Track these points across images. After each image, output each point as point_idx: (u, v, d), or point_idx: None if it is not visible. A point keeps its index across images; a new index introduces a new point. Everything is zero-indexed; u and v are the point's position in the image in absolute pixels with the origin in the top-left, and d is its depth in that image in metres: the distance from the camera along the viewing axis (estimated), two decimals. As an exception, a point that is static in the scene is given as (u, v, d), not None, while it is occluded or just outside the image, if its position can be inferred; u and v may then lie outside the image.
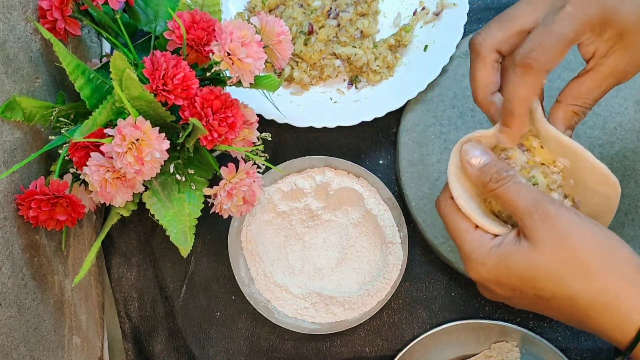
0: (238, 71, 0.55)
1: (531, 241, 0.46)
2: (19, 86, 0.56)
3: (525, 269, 0.46)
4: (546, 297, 0.46)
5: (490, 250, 0.48)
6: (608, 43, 0.47)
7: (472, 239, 0.49)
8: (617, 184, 0.49)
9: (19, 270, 0.55)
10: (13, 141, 0.55)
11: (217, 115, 0.54)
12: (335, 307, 0.66)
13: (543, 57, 0.45)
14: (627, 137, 0.67)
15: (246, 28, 0.54)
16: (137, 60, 0.59)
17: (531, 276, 0.46)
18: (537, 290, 0.46)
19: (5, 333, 0.52)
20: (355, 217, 0.69)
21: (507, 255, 0.47)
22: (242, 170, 0.57)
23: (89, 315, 0.69)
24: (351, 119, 0.69)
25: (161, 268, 0.71)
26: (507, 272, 0.47)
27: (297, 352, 0.69)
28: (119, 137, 0.50)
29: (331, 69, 0.71)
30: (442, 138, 0.69)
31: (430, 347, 0.67)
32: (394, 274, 0.66)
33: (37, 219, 0.54)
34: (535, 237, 0.46)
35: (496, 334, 0.66)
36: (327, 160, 0.69)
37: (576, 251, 0.45)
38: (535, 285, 0.46)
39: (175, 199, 0.57)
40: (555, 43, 0.45)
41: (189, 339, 0.70)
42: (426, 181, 0.68)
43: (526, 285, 0.46)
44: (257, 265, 0.68)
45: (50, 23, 0.58)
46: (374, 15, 0.73)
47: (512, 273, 0.47)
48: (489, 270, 0.47)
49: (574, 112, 0.50)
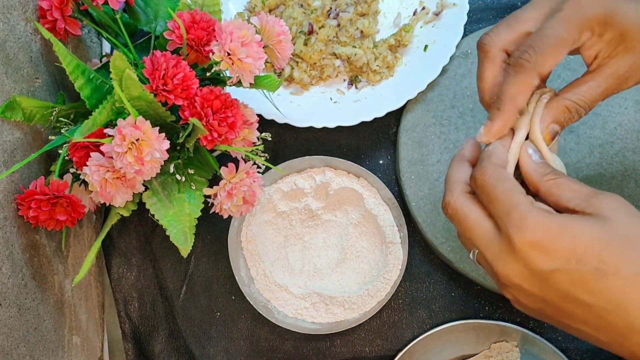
0: (238, 71, 0.55)
1: (603, 214, 0.43)
2: (19, 86, 0.56)
3: (596, 234, 0.42)
4: (607, 273, 0.41)
5: (551, 213, 0.43)
6: (610, 45, 0.47)
7: (529, 200, 0.44)
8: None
9: (19, 270, 0.55)
10: (13, 141, 0.55)
11: (217, 115, 0.54)
12: (335, 307, 0.66)
13: (534, 58, 0.46)
14: (627, 137, 0.67)
15: (246, 28, 0.54)
16: (137, 60, 0.59)
17: (602, 242, 0.41)
18: (600, 262, 0.41)
19: (5, 333, 0.52)
20: (355, 217, 0.69)
21: (575, 220, 0.42)
22: (242, 170, 0.57)
23: (89, 315, 0.69)
24: (351, 119, 0.69)
25: (161, 268, 0.71)
26: (571, 236, 0.42)
27: (297, 352, 0.69)
28: (119, 137, 0.50)
29: (331, 69, 0.71)
30: (442, 138, 0.69)
31: (430, 347, 0.67)
32: (394, 274, 0.66)
33: (37, 219, 0.54)
34: (605, 210, 0.42)
35: (496, 334, 0.66)
36: (327, 160, 0.69)
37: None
38: (602, 255, 0.41)
39: (175, 199, 0.57)
40: (547, 45, 0.46)
41: (189, 339, 0.70)
42: (426, 181, 0.68)
43: (590, 253, 0.41)
44: (257, 265, 0.68)
45: (50, 23, 0.58)
46: (374, 15, 0.73)
47: (577, 237, 0.42)
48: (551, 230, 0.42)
49: (566, 107, 0.49)
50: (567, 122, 0.49)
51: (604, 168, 0.67)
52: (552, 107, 0.49)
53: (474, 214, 0.46)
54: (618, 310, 0.42)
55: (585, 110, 0.49)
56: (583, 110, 0.49)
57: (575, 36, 0.46)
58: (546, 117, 0.49)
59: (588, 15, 0.46)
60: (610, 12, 0.46)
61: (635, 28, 0.46)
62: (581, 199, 0.44)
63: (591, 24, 0.46)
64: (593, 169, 0.67)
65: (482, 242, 0.45)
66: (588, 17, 0.46)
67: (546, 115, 0.49)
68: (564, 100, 0.49)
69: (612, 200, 0.43)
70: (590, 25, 0.46)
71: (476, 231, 0.46)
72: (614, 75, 0.48)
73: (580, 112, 0.49)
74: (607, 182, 0.66)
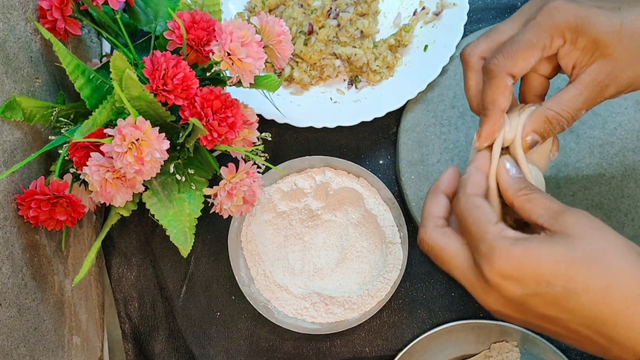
0: (238, 71, 0.55)
1: (567, 233, 0.43)
2: (19, 86, 0.56)
3: (560, 254, 0.42)
4: (577, 290, 0.42)
5: (517, 240, 0.44)
6: (585, 53, 0.48)
7: (497, 230, 0.45)
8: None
9: (19, 270, 0.55)
10: (13, 141, 0.55)
11: (217, 115, 0.54)
12: (335, 307, 0.66)
13: (502, 62, 0.48)
14: (627, 137, 0.67)
15: (246, 28, 0.54)
16: (137, 60, 0.59)
17: (567, 261, 0.42)
18: (568, 281, 0.42)
19: (5, 333, 0.52)
20: (355, 217, 0.69)
21: (540, 242, 0.43)
22: (242, 170, 0.57)
23: (89, 315, 0.69)
24: (351, 119, 0.69)
25: (161, 268, 0.71)
26: (537, 260, 0.43)
27: (297, 352, 0.69)
28: (119, 137, 0.50)
29: (331, 69, 0.71)
30: (442, 138, 0.69)
31: (430, 347, 0.67)
32: (393, 274, 0.66)
33: (37, 219, 0.54)
34: (570, 227, 0.43)
35: (496, 334, 0.66)
36: (327, 160, 0.69)
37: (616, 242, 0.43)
38: (569, 274, 0.42)
39: (175, 199, 0.57)
40: (516, 49, 0.48)
41: (189, 339, 0.70)
42: (426, 181, 0.68)
43: (557, 274, 0.42)
44: (257, 265, 0.68)
45: (50, 23, 0.58)
46: (374, 15, 0.73)
47: (543, 260, 0.43)
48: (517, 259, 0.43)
49: (547, 118, 0.49)
50: (548, 133, 0.50)
51: (604, 168, 0.67)
52: (533, 117, 0.49)
53: (450, 247, 0.47)
54: (594, 324, 0.43)
55: (567, 121, 0.49)
56: (565, 121, 0.49)
57: (545, 42, 0.48)
58: (527, 126, 0.49)
59: (558, 23, 0.47)
60: (581, 20, 0.47)
61: (608, 35, 0.47)
62: (549, 216, 0.45)
63: (562, 31, 0.47)
64: (593, 169, 0.67)
65: (460, 274, 0.47)
66: (558, 24, 0.47)
67: (527, 125, 0.49)
68: (546, 111, 0.49)
69: (577, 217, 0.44)
70: (561, 33, 0.47)
71: (453, 264, 0.47)
72: (594, 83, 0.48)
73: (562, 122, 0.49)
74: (607, 182, 0.66)
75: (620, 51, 0.47)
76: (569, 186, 0.67)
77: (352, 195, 0.68)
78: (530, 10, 0.50)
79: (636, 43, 0.47)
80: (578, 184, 0.66)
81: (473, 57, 0.52)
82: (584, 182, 0.66)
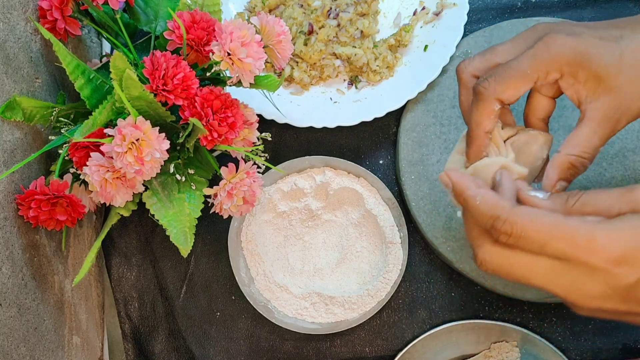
0: (238, 71, 0.55)
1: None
2: (19, 86, 0.56)
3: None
4: None
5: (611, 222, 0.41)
6: (589, 87, 0.47)
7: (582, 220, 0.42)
8: None
9: (19, 270, 0.55)
10: (13, 141, 0.55)
11: (217, 115, 0.54)
12: (335, 307, 0.66)
13: (493, 86, 0.49)
14: (627, 137, 0.67)
15: (246, 28, 0.54)
16: (137, 60, 0.59)
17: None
18: None
19: (5, 333, 0.52)
20: (355, 217, 0.69)
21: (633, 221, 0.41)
22: (242, 170, 0.57)
23: (89, 315, 0.69)
24: (351, 119, 0.69)
25: (161, 268, 0.71)
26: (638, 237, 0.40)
27: (297, 352, 0.69)
28: (119, 137, 0.50)
29: (331, 69, 0.71)
30: (442, 138, 0.69)
31: (430, 347, 0.67)
32: (393, 274, 0.66)
33: (37, 219, 0.54)
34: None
35: (496, 334, 0.66)
36: (327, 160, 0.69)
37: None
38: None
39: (175, 199, 0.57)
40: (508, 76, 0.48)
41: (189, 339, 0.70)
42: (426, 181, 0.68)
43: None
44: (257, 265, 0.68)
45: (50, 23, 0.58)
46: (374, 15, 0.73)
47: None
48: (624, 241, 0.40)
49: (571, 163, 0.48)
50: (573, 176, 0.49)
51: (604, 168, 0.67)
52: (556, 165, 0.48)
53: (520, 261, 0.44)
54: None
55: (589, 161, 0.48)
56: (587, 162, 0.48)
57: (539, 74, 0.48)
58: (552, 175, 0.48)
59: (555, 57, 0.47)
60: (580, 55, 0.46)
61: (608, 68, 0.46)
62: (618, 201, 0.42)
63: (559, 65, 0.47)
64: (593, 169, 0.67)
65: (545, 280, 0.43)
66: (555, 58, 0.47)
67: (552, 174, 0.48)
68: (568, 157, 0.48)
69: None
70: (558, 67, 0.47)
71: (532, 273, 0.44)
72: (605, 119, 0.47)
73: (585, 163, 0.48)
74: (607, 182, 0.66)
75: (623, 83, 0.46)
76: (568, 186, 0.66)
77: (352, 195, 0.68)
78: (529, 38, 0.49)
79: (637, 73, 0.46)
80: (578, 184, 0.66)
81: (465, 74, 0.53)
82: (583, 182, 0.66)
